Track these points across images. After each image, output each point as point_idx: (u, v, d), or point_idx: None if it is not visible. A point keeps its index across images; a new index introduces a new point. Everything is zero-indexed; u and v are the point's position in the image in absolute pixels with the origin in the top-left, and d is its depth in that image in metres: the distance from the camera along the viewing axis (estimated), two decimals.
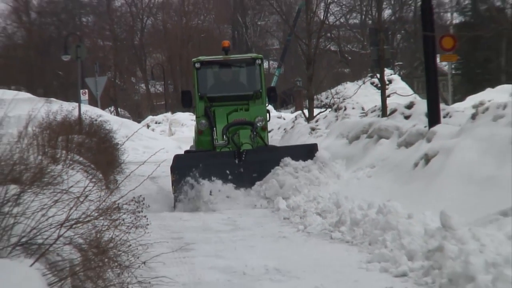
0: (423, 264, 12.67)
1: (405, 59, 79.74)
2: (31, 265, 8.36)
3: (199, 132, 24.47)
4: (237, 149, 21.48)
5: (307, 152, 23.31)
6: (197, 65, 23.73)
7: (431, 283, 11.87)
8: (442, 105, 30.46)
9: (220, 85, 25.26)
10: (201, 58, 25.61)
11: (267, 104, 26.18)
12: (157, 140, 47.54)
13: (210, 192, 21.97)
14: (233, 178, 21.25)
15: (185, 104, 25.67)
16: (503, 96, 42.30)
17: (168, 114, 64.14)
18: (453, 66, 62.10)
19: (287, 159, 22.78)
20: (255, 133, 22.68)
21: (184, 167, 21.96)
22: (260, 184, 22.60)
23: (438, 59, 30.55)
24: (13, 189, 9.79)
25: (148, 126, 55.75)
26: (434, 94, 25.50)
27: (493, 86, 56.73)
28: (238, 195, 22.25)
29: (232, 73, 25.77)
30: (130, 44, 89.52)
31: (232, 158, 21.26)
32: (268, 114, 26.47)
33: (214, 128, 23.06)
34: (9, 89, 48.31)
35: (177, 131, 58.30)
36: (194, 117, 66.29)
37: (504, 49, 69.29)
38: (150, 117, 63.57)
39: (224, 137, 22.46)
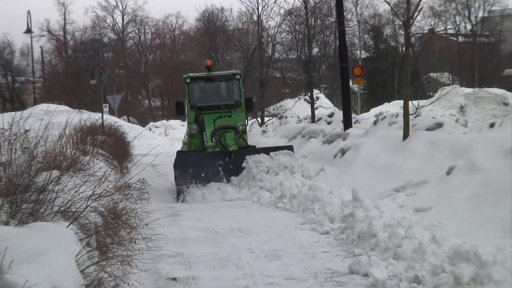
0: (340, 225, 12.83)
1: (327, 82, 79.79)
2: (67, 226, 8.29)
3: (191, 136, 22.18)
4: (227, 150, 20.05)
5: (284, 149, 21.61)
6: (188, 80, 22.21)
7: (345, 239, 12.01)
8: (353, 115, 30.65)
9: (207, 96, 23.29)
10: (191, 74, 24.22)
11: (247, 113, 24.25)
12: (156, 139, 47.27)
13: (204, 188, 20.00)
14: (224, 173, 19.91)
15: (179, 112, 23.66)
16: (395, 108, 42.51)
17: (164, 121, 64.14)
18: (361, 88, 62.28)
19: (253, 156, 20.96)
20: (238, 135, 21.14)
21: (184, 165, 20.26)
22: (239, 178, 20.63)
23: (350, 83, 31.07)
24: (55, 173, 9.61)
25: (150, 129, 55.56)
26: (348, 107, 25.93)
27: (389, 101, 57.05)
28: (227, 187, 20.15)
29: (216, 86, 23.76)
30: (137, 72, 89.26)
31: (223, 157, 19.95)
32: (246, 120, 24.64)
33: (204, 132, 21.19)
34: (53, 103, 47.99)
35: (170, 133, 58.30)
36: (182, 123, 67.07)
37: (396, 75, 70.01)
38: (151, 123, 63.50)
39: (213, 139, 20.74)
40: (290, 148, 21.85)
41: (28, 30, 53.06)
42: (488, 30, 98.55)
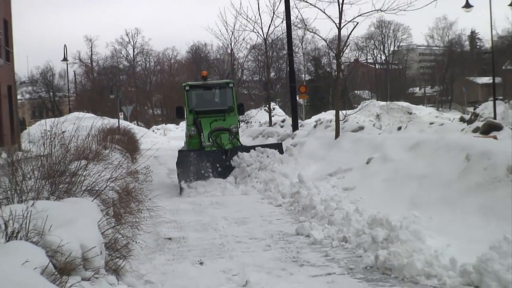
0: (290, 200, 12.66)
1: (281, 97, 79.60)
2: (92, 200, 8.24)
3: (190, 137, 19.38)
4: (223, 149, 17.59)
5: (274, 149, 18.39)
6: (187, 87, 19.63)
7: (293, 210, 11.95)
8: (299, 121, 30.32)
9: (204, 102, 20.37)
10: (189, 83, 21.36)
11: (238, 116, 20.91)
12: (157, 138, 46.37)
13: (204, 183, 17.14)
14: (221, 170, 17.29)
15: (179, 115, 20.56)
16: (330, 116, 42.16)
17: (163, 125, 63.60)
18: (305, 101, 62.04)
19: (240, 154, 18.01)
20: (232, 136, 18.64)
21: (186, 163, 17.43)
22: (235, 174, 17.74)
23: (297, 97, 30.83)
24: (83, 162, 9.50)
25: (153, 131, 54.80)
26: (295, 115, 25.32)
27: (325, 111, 56.88)
28: (226, 183, 17.29)
29: (212, 93, 20.92)
30: (144, 89, 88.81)
31: (220, 155, 17.42)
32: (239, 123, 22.02)
33: (202, 133, 18.59)
34: (82, 112, 47.56)
35: (168, 133, 57.69)
36: (177, 126, 67.00)
37: (330, 92, 70.44)
38: (154, 126, 62.90)
39: (210, 139, 18.20)
40: (279, 145, 18.85)
41: (65, 59, 52.57)
42: (397, 59, 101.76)
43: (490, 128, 21.13)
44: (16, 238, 6.04)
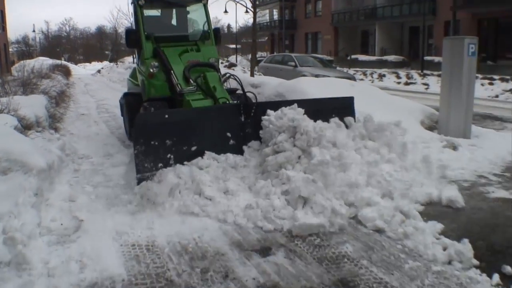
0: None
1: None
2: (44, 96, 11.41)
3: (149, 76, 8.74)
4: (244, 102, 7.09)
5: (341, 106, 7.47)
6: (141, 2, 9.19)
7: None
8: None
9: (167, 25, 10.42)
10: None
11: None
12: (80, 69, 54.05)
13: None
14: (235, 144, 6.59)
15: (131, 43, 9.12)
16: None
17: (84, 64, 75.54)
18: None
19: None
20: (223, 76, 8.71)
21: (155, 133, 5.94)
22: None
23: None
24: (41, 79, 13.42)
25: (78, 66, 61.49)
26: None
27: None
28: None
29: (178, 13, 10.48)
30: (75, 46, 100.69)
31: (236, 114, 6.70)
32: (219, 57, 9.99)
33: (172, 71, 8.43)
34: (43, 57, 57.17)
35: (86, 67, 64.18)
36: (89, 64, 71.89)
37: None
38: (79, 64, 73.90)
39: (191, 81, 8.15)
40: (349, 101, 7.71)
41: (33, 31, 71.00)
42: None
43: None
44: (2, 113, 7.51)
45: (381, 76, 30.52)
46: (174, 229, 4.72)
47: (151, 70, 8.23)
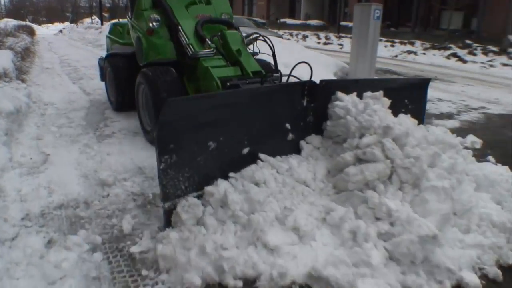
0: None
1: None
2: (10, 51, 11.30)
3: (148, 33, 4.86)
4: (308, 78, 3.38)
5: (414, 88, 4.31)
6: None
7: None
8: None
9: None
10: None
11: None
12: (44, 30, 49.84)
13: None
14: (294, 138, 3.42)
15: None
16: None
17: (47, 24, 68.47)
18: None
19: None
20: (250, 36, 4.83)
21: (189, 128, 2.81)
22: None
23: None
24: (8, 37, 13.43)
25: (41, 26, 57.87)
26: None
27: None
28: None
29: None
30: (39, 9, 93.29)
31: (299, 96, 3.27)
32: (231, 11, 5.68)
33: (180, 27, 4.67)
34: (10, 19, 53.57)
35: (49, 27, 60.28)
36: (50, 25, 68.70)
37: None
38: (43, 24, 67.29)
39: (209, 42, 4.43)
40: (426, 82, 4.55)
41: None
42: None
43: None
44: None
45: (304, 37, 31.07)
46: None
47: (151, 25, 5.05)
